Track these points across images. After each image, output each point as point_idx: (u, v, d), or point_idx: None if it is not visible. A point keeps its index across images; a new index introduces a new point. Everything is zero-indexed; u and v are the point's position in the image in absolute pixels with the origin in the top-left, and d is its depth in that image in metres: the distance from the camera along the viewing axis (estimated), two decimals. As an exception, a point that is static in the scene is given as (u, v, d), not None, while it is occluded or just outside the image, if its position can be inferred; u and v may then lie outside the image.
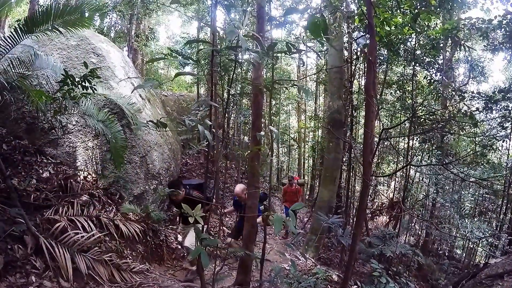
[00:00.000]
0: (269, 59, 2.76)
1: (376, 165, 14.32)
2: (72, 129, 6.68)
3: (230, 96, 11.15)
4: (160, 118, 2.34)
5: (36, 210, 5.13)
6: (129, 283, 5.09)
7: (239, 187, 6.77)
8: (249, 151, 4.21)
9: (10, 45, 4.88)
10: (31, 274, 4.10)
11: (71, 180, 6.00)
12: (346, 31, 9.92)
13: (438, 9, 7.53)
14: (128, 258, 5.62)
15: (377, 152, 8.58)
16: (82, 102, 5.56)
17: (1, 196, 4.82)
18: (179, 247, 6.99)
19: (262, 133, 3.35)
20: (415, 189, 12.96)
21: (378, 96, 10.17)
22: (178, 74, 2.53)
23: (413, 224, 13.26)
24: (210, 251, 6.28)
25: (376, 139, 6.60)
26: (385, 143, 10.96)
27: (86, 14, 5.28)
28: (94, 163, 6.72)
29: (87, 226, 5.27)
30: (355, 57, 10.09)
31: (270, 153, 4.14)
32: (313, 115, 21.25)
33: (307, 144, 23.73)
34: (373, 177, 11.55)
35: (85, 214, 5.57)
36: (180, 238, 6.90)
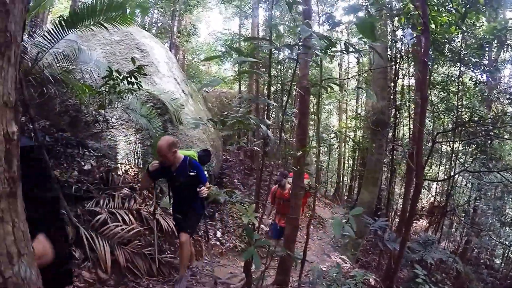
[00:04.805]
0: (328, 58, 2.67)
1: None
2: (115, 123, 6.78)
3: (271, 94, 10.96)
4: (208, 118, 2.28)
5: (77, 202, 5.21)
6: (166, 277, 5.11)
7: (164, 140, 4.27)
8: (299, 153, 4.08)
9: (54, 39, 5.00)
10: (70, 264, 4.18)
11: (113, 173, 6.08)
12: (391, 30, 9.68)
13: (484, 7, 7.21)
14: (166, 253, 5.65)
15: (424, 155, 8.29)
16: (125, 97, 5.62)
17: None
18: (218, 243, 6.84)
19: (324, 135, 3.25)
20: (457, 194, 12.49)
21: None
22: (243, 72, 2.48)
23: (453, 230, 12.83)
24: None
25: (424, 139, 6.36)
26: (428, 145, 10.60)
27: (127, 11, 5.35)
28: (136, 157, 6.78)
29: (127, 219, 5.32)
30: (398, 56, 9.83)
31: (317, 153, 4.03)
32: (354, 114, 20.89)
33: (347, 144, 23.35)
34: (426, 181, 11.17)
35: (126, 207, 5.63)
36: None
